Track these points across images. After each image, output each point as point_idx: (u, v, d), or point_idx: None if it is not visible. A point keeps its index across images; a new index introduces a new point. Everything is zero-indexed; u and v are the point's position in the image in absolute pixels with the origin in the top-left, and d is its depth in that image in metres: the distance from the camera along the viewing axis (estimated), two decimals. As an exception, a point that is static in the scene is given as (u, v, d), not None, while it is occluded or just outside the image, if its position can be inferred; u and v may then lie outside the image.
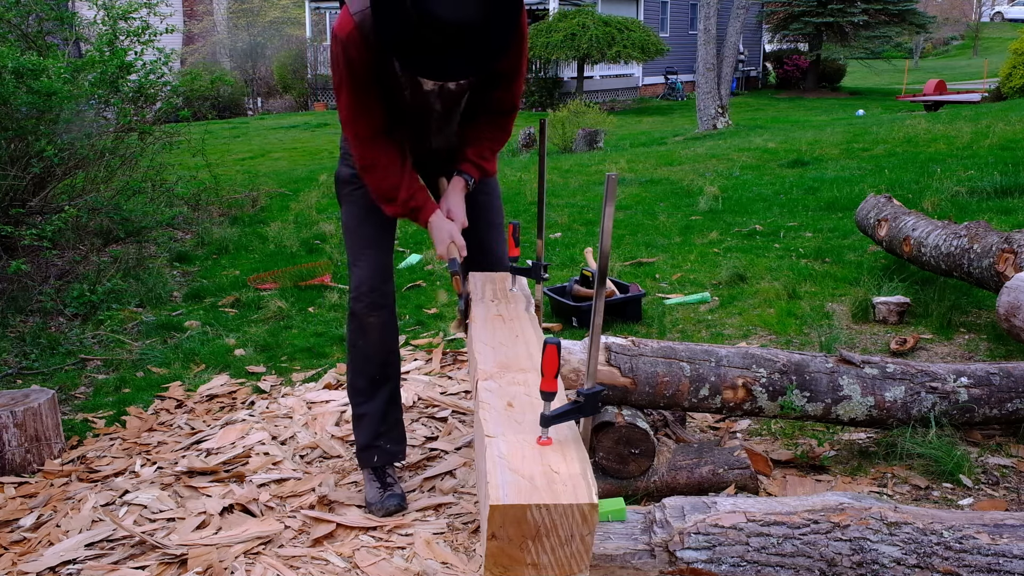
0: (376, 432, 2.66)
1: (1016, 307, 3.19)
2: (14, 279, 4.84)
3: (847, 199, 6.69)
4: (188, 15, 28.14)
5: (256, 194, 8.21)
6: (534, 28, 20.16)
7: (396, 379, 2.69)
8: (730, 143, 11.41)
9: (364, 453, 2.67)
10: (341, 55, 2.23)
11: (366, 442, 2.66)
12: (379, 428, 2.66)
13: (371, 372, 2.63)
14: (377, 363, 2.62)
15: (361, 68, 2.25)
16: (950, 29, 41.45)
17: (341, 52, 2.23)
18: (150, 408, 3.56)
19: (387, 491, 2.62)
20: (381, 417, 2.65)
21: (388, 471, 2.69)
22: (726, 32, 14.86)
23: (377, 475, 2.67)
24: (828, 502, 2.02)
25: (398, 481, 2.69)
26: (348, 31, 2.19)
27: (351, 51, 2.21)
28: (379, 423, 2.66)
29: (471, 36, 2.03)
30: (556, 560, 1.63)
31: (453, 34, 2.01)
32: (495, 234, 2.80)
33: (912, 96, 19.69)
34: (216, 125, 17.81)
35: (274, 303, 4.80)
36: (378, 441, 2.66)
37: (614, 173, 1.68)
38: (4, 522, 2.64)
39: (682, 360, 2.59)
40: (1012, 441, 2.82)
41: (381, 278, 2.59)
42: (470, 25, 2.00)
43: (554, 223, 6.67)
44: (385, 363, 2.64)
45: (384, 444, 2.67)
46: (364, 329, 2.59)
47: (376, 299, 2.57)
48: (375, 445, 2.66)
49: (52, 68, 5.22)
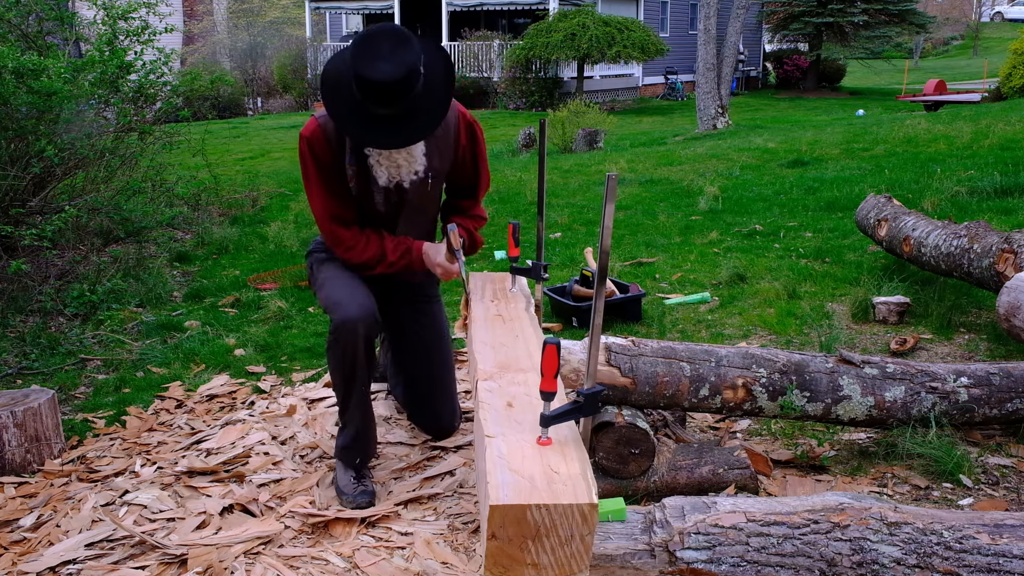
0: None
1: (1016, 307, 3.19)
2: (14, 279, 4.84)
3: (847, 199, 6.69)
4: (188, 15, 28.14)
5: (256, 194, 8.21)
6: (534, 28, 20.16)
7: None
8: (730, 143, 11.42)
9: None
10: (307, 150, 2.60)
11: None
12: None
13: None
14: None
15: (324, 159, 2.60)
16: (950, 29, 41.45)
17: (307, 148, 2.59)
18: (150, 408, 3.56)
19: (360, 485, 2.67)
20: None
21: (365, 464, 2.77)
22: (726, 32, 14.86)
23: (354, 469, 2.73)
24: (828, 502, 2.02)
25: (367, 474, 2.75)
26: (312, 129, 2.59)
27: (315, 146, 2.58)
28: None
29: (397, 94, 2.36)
30: (556, 560, 1.63)
31: (382, 92, 2.35)
32: (436, 388, 3.00)
33: (912, 96, 19.68)
34: (216, 125, 17.81)
35: (274, 303, 4.80)
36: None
37: (614, 173, 1.68)
38: (4, 522, 2.64)
39: (682, 360, 2.59)
40: (1012, 441, 2.82)
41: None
42: (393, 80, 2.33)
43: (554, 223, 6.67)
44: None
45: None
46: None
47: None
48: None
49: (52, 68, 5.22)
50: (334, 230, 2.66)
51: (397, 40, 2.36)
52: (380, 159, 2.59)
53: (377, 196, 2.67)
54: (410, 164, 2.62)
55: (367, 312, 2.56)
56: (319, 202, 2.64)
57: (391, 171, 2.61)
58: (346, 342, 2.55)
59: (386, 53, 2.34)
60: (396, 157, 2.59)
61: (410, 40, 2.39)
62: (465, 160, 2.79)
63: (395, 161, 2.60)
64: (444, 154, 2.72)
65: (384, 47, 2.35)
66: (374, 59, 2.32)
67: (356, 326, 2.53)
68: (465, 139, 2.75)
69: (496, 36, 21.88)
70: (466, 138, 2.75)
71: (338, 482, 2.71)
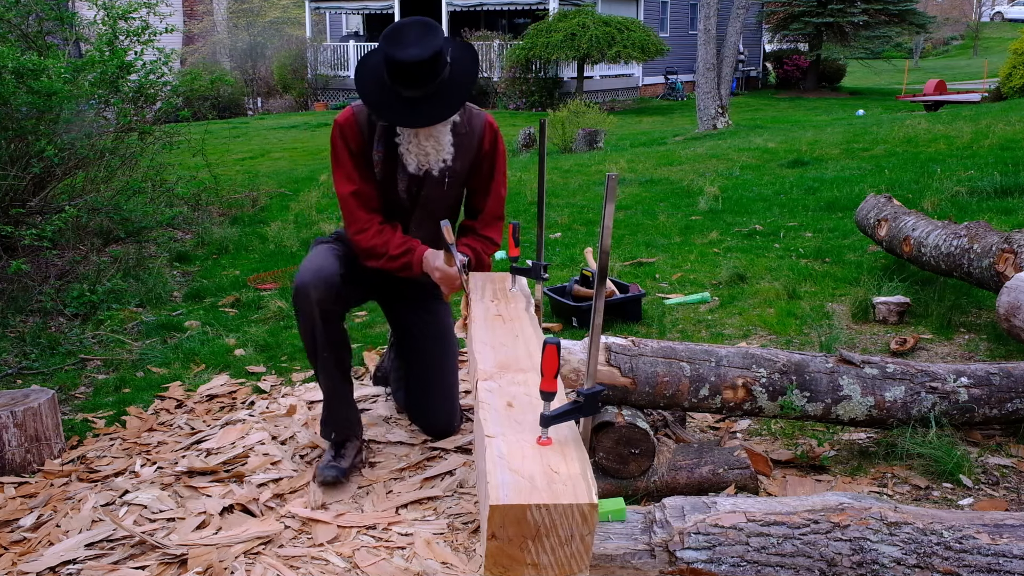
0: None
1: (1016, 307, 3.19)
2: (14, 279, 4.84)
3: (847, 199, 6.69)
4: (188, 15, 28.15)
5: (256, 194, 8.21)
6: (534, 28, 20.16)
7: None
8: (730, 143, 11.42)
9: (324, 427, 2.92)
10: (338, 135, 2.75)
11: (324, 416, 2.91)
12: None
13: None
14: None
15: (355, 145, 2.75)
16: (950, 29, 41.45)
17: (338, 133, 2.75)
18: (150, 408, 3.56)
19: (332, 461, 2.79)
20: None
21: (347, 445, 2.86)
22: (726, 32, 14.85)
23: (334, 447, 2.86)
24: (828, 502, 2.02)
25: (348, 456, 2.83)
26: (346, 116, 2.75)
27: (347, 131, 2.74)
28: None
29: (424, 75, 2.51)
30: (556, 560, 1.63)
31: (410, 72, 2.50)
32: (437, 389, 3.04)
33: (912, 96, 19.68)
34: (216, 125, 17.80)
35: (274, 303, 4.80)
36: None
37: (614, 173, 1.68)
38: (4, 522, 2.64)
39: (682, 360, 2.59)
40: (1012, 441, 2.82)
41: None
42: (421, 60, 2.49)
43: (554, 223, 6.67)
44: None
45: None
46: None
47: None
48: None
49: (52, 68, 5.22)
50: (353, 210, 2.77)
51: (425, 28, 2.54)
52: (410, 146, 2.71)
53: (401, 184, 2.79)
54: (438, 152, 2.73)
55: (319, 277, 2.66)
56: (344, 184, 2.76)
57: (420, 158, 2.73)
58: (299, 308, 2.70)
59: (414, 39, 2.51)
60: (425, 144, 2.71)
61: (436, 29, 2.56)
62: (483, 166, 2.88)
63: (424, 148, 2.71)
64: (467, 154, 2.83)
65: (412, 34, 2.52)
66: (404, 44, 2.51)
67: (308, 291, 2.65)
68: (488, 145, 2.87)
69: (496, 36, 21.88)
70: (489, 144, 2.87)
71: (323, 454, 2.87)
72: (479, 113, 2.86)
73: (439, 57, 2.52)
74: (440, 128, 2.70)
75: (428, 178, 2.78)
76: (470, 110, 2.84)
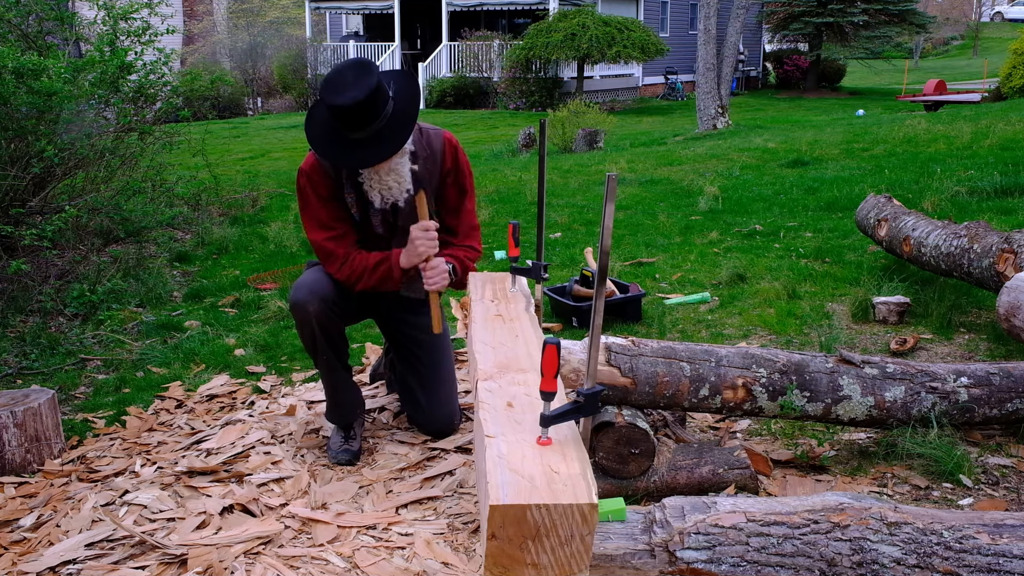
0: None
1: (1016, 307, 3.19)
2: (14, 279, 4.84)
3: (847, 199, 6.69)
4: (188, 15, 28.15)
5: (256, 194, 8.21)
6: (534, 28, 20.16)
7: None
8: (730, 143, 11.42)
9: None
10: (306, 183, 2.82)
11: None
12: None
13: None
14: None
15: (324, 191, 2.81)
16: (950, 29, 41.46)
17: (306, 181, 2.82)
18: (150, 408, 3.56)
19: (345, 443, 2.96)
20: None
21: (354, 427, 3.01)
22: (726, 32, 14.85)
23: (343, 430, 3.01)
24: (828, 502, 2.02)
25: (357, 437, 3.00)
26: (310, 163, 2.82)
27: (314, 177, 2.81)
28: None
29: (365, 115, 2.56)
30: (556, 560, 1.63)
31: (351, 114, 2.55)
32: (436, 390, 3.08)
33: (912, 96, 19.68)
34: (216, 125, 17.81)
35: (274, 303, 4.80)
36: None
37: (614, 173, 1.68)
38: (4, 522, 2.64)
39: (682, 360, 2.59)
40: (1012, 441, 2.82)
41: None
42: (359, 102, 2.53)
43: (554, 223, 6.67)
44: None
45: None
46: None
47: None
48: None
49: (52, 68, 5.22)
50: (330, 251, 2.85)
51: (360, 69, 2.60)
52: (372, 183, 2.78)
53: (375, 218, 2.87)
54: (400, 184, 2.80)
55: (314, 297, 2.78)
56: (317, 232, 2.84)
57: (384, 193, 2.81)
58: (298, 320, 2.83)
59: (351, 81, 2.57)
60: (387, 179, 2.78)
61: (371, 67, 2.60)
62: (447, 182, 2.94)
63: (386, 183, 2.79)
64: (431, 176, 2.89)
65: (349, 77, 2.58)
66: (341, 89, 2.56)
67: (306, 306, 2.77)
68: (450, 162, 2.92)
69: (496, 36, 21.87)
70: (451, 160, 2.92)
71: (330, 439, 3.01)
72: (436, 133, 2.91)
73: (377, 95, 2.57)
74: (397, 160, 2.75)
75: (398, 209, 2.85)
76: (427, 132, 2.89)
